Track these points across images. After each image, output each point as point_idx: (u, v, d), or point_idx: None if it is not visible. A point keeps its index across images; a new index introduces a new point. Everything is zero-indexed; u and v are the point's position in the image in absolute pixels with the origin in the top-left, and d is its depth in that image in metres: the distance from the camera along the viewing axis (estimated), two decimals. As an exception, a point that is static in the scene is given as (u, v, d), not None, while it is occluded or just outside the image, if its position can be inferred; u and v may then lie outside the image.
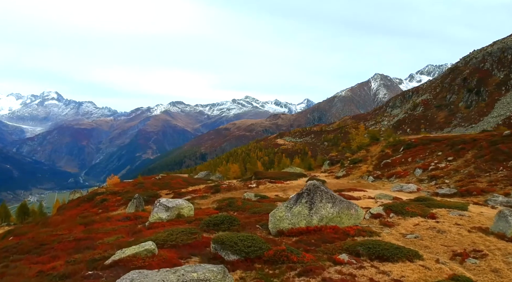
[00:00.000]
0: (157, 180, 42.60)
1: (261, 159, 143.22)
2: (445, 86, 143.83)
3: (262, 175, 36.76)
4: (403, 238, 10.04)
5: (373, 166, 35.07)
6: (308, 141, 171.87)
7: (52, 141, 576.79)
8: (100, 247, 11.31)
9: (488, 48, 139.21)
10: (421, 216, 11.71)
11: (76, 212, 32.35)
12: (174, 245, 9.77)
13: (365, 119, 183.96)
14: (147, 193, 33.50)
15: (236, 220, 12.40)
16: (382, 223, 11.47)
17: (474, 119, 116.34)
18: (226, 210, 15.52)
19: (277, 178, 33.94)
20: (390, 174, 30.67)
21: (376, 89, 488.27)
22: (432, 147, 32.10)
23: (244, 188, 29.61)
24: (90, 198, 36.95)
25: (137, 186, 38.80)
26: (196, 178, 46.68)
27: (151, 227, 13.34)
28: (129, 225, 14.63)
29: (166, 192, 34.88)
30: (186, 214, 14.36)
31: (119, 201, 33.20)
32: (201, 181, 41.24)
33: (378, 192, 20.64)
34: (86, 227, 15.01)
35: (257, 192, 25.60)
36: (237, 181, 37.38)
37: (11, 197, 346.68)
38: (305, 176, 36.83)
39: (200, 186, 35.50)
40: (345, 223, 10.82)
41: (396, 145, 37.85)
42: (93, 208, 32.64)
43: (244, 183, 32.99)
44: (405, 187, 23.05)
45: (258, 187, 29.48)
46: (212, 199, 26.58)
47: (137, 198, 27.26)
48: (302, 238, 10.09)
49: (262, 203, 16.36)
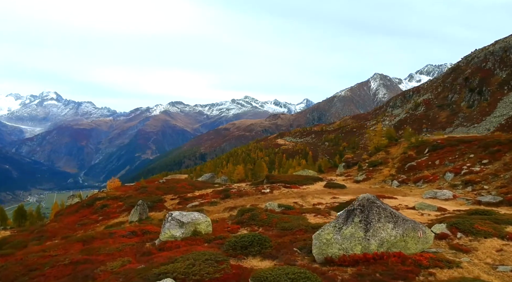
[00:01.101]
0: (161, 184, 40.36)
1: (261, 159, 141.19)
2: (447, 85, 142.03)
3: (274, 179, 34.61)
4: (493, 270, 7.77)
5: (396, 170, 32.65)
6: (308, 141, 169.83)
7: (51, 142, 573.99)
8: (102, 277, 9.11)
9: (490, 47, 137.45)
10: (497, 237, 9.43)
11: (74, 219, 30.17)
12: (199, 280, 7.54)
13: (366, 119, 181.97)
14: (150, 198, 31.53)
15: (267, 241, 10.19)
16: (452, 246, 9.20)
17: (477, 119, 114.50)
18: (248, 225, 13.25)
19: (291, 182, 31.72)
20: (417, 178, 28.28)
21: (376, 89, 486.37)
22: (462, 149, 29.54)
23: (257, 193, 27.30)
24: (89, 203, 34.69)
25: (139, 190, 36.63)
26: (202, 182, 44.33)
27: (163, 247, 11.11)
28: (135, 243, 12.37)
29: (171, 197, 32.77)
30: (203, 230, 12.11)
31: (120, 207, 31.11)
32: (207, 185, 38.90)
33: (415, 200, 18.42)
34: (85, 245, 12.74)
35: (272, 198, 23.35)
36: (247, 185, 35.16)
37: (10, 197, 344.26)
38: (321, 180, 34.58)
39: (208, 191, 33.51)
40: (411, 249, 8.57)
41: (419, 146, 35.31)
42: (93, 215, 30.50)
43: (255, 188, 30.70)
44: (439, 193, 20.70)
45: (272, 192, 27.38)
46: (223, 205, 24.36)
47: (140, 204, 25.11)
48: (361, 269, 7.84)
49: (289, 215, 14.10)
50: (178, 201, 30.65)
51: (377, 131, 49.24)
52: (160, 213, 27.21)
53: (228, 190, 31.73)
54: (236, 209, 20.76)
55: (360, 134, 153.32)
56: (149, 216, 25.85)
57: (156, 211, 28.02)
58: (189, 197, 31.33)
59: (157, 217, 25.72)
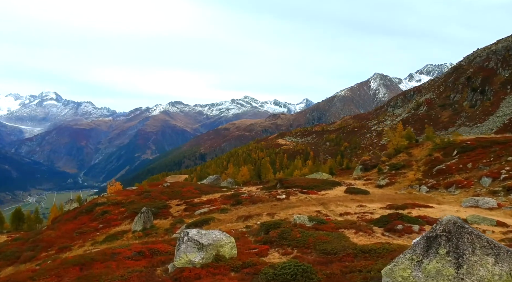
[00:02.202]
0: (165, 188, 37.95)
1: (262, 159, 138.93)
2: (449, 85, 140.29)
3: (288, 183, 32.08)
4: None
5: (422, 173, 30.41)
6: (309, 141, 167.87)
7: (51, 142, 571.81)
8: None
9: (492, 46, 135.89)
10: None
11: (72, 227, 28.22)
12: None
13: (367, 118, 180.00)
14: (154, 204, 29.39)
15: (312, 273, 7.99)
16: None
17: (479, 119, 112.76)
18: (279, 245, 10.99)
19: (308, 187, 29.40)
20: (448, 183, 25.83)
21: (376, 88, 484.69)
22: (497, 151, 27.30)
23: (272, 200, 25.22)
24: (89, 209, 32.23)
25: (143, 195, 34.24)
26: (208, 185, 41.99)
27: (179, 277, 8.90)
28: (144, 268, 10.17)
29: (176, 202, 30.59)
30: (227, 254, 9.90)
31: (122, 213, 28.87)
32: (214, 189, 36.51)
33: (456, 210, 16.20)
34: (83, 270, 10.54)
35: (290, 206, 20.98)
36: (258, 189, 32.99)
37: (10, 198, 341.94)
38: (339, 184, 31.97)
39: (215, 195, 31.26)
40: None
41: (445, 148, 33.16)
42: (92, 222, 28.35)
43: (268, 193, 28.54)
44: (481, 201, 18.29)
45: (288, 198, 25.09)
46: (235, 213, 22.13)
47: (144, 212, 23.02)
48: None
49: (325, 232, 11.83)
50: (184, 207, 28.55)
51: (397, 130, 45.57)
52: (165, 220, 25.35)
53: (238, 195, 29.52)
54: (252, 219, 18.60)
55: (362, 134, 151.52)
56: (154, 225, 23.84)
57: (161, 218, 26.10)
58: (196, 202, 29.20)
59: (163, 225, 23.74)
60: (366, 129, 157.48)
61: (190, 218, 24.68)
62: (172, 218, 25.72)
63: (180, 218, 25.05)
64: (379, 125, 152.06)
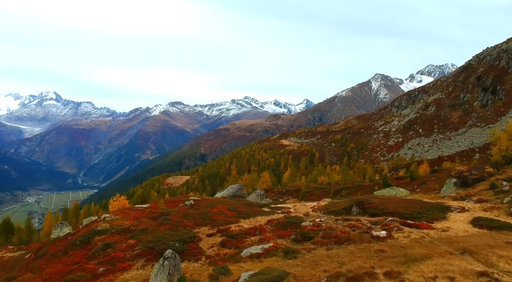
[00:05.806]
0: (189, 209, 28.31)
1: (266, 160, 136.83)
2: (458, 84, 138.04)
3: (372, 207, 24.70)
4: None
5: None
6: (314, 142, 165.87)
7: (50, 142, 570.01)
8: None
9: (503, 45, 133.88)
10: None
11: (60, 269, 20.28)
12: None
13: (371, 119, 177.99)
14: (178, 235, 22.01)
15: None
16: None
17: (491, 119, 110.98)
18: None
19: (410, 215, 22.45)
20: None
21: (377, 89, 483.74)
22: None
23: (363, 237, 18.06)
24: (84, 240, 23.45)
25: (159, 219, 25.56)
26: (245, 204, 31.98)
27: None
28: None
29: (207, 230, 23.35)
30: None
31: (132, 247, 21.08)
32: (254, 209, 28.58)
33: None
34: None
35: (404, 254, 13.49)
36: (316, 210, 26.54)
37: (9, 198, 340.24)
38: (448, 209, 23.96)
39: (259, 220, 24.71)
40: None
41: None
42: (89, 261, 20.62)
43: (347, 223, 21.71)
44: None
45: (391, 236, 17.99)
46: (312, 262, 14.45)
47: (170, 258, 15.39)
48: None
49: None
50: (220, 239, 21.37)
51: (507, 131, 36.11)
52: (197, 264, 18.40)
53: (296, 222, 22.27)
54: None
55: (368, 134, 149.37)
56: (183, 276, 15.88)
57: (190, 260, 19.04)
58: (236, 232, 22.12)
59: (197, 277, 16.09)
60: (372, 129, 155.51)
61: (236, 262, 17.69)
62: (206, 260, 18.82)
63: (220, 264, 17.44)
64: (386, 126, 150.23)
